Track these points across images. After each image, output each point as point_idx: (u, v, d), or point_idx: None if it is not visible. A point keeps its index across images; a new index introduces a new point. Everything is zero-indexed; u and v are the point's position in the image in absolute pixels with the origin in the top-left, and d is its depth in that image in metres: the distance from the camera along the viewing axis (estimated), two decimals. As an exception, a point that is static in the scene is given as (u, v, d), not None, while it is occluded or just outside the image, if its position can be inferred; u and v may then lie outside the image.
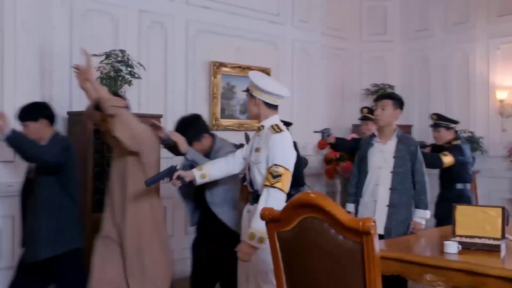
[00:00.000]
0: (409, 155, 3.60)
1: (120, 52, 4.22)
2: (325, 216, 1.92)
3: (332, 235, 1.91)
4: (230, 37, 5.51)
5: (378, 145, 3.70)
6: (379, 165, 3.64)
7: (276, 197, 2.72)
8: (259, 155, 2.86)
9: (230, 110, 5.53)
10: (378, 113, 3.66)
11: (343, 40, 6.76)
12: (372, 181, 3.66)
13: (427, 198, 3.58)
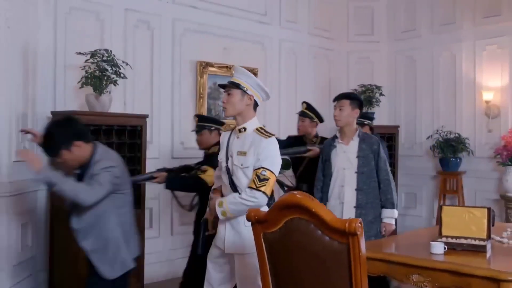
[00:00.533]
0: (372, 154, 3.63)
1: (105, 51, 4.20)
2: (311, 217, 1.93)
3: (318, 236, 1.92)
4: (217, 37, 5.51)
5: (340, 146, 3.71)
6: (343, 166, 3.66)
7: (259, 200, 2.73)
8: (246, 160, 2.80)
9: (217, 110, 5.52)
10: (336, 114, 3.67)
11: (330, 40, 6.79)
12: (337, 182, 3.66)
13: (394, 197, 3.62)
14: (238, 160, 2.81)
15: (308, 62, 6.52)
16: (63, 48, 4.36)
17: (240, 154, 2.83)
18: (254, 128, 2.85)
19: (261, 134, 2.81)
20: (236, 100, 2.85)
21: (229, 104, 2.87)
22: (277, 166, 2.82)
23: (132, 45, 4.84)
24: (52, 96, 4.31)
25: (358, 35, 6.91)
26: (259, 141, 2.78)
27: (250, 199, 2.73)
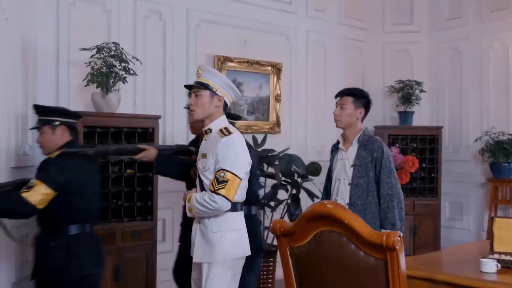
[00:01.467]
0: (373, 163, 3.39)
1: (113, 45, 4.23)
2: (343, 229, 1.92)
3: (351, 251, 1.91)
4: (236, 28, 5.51)
5: (340, 152, 3.58)
6: (338, 176, 3.52)
7: (219, 205, 2.81)
8: (206, 162, 2.91)
9: (237, 110, 5.52)
10: (336, 113, 3.52)
11: (363, 31, 6.74)
12: (333, 195, 3.53)
13: (395, 216, 3.30)
14: (202, 163, 2.94)
15: (338, 56, 6.49)
16: (66, 42, 4.41)
17: (202, 157, 2.95)
18: (218, 128, 2.95)
19: (221, 134, 2.91)
20: (205, 102, 2.95)
21: (197, 107, 2.96)
22: (241, 167, 2.87)
23: (142, 38, 4.88)
24: (54, 95, 4.36)
25: (395, 24, 6.84)
26: (218, 141, 2.88)
27: (210, 203, 2.82)
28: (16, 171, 3.75)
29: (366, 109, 3.55)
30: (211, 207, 2.82)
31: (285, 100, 5.92)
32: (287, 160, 5.14)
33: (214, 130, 2.95)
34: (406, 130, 6.37)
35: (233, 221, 2.96)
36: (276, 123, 5.82)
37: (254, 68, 5.63)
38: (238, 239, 2.98)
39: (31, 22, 4.12)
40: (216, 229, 2.92)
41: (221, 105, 2.98)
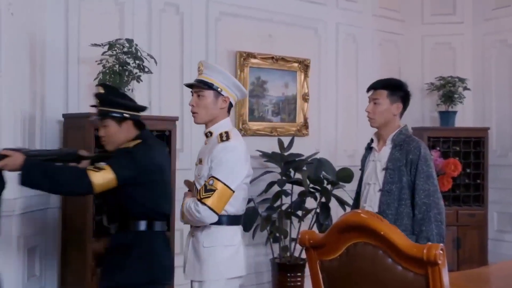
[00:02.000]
0: (407, 167, 3.20)
1: (126, 41, 4.27)
2: (379, 241, 1.92)
3: (388, 265, 1.90)
4: (260, 22, 5.52)
5: (373, 152, 3.43)
6: (368, 180, 3.38)
7: (201, 216, 2.78)
8: (201, 169, 2.90)
9: (261, 110, 5.52)
10: (369, 109, 3.34)
11: (400, 22, 6.69)
12: (362, 201, 3.41)
13: (431, 230, 3.09)
14: (197, 170, 2.94)
15: (372, 51, 6.45)
16: (76, 38, 4.45)
17: (199, 163, 2.95)
18: (218, 132, 2.91)
19: (219, 138, 2.89)
20: (208, 103, 2.91)
21: (200, 108, 2.93)
22: (233, 177, 2.83)
23: (158, 33, 4.91)
24: (63, 95, 4.41)
25: (435, 15, 6.77)
26: (214, 147, 2.86)
27: (194, 212, 2.80)
28: (23, 178, 3.79)
29: (405, 103, 3.36)
30: (195, 216, 2.80)
31: (314, 100, 5.90)
32: (316, 165, 5.13)
33: (215, 134, 2.93)
34: (448, 132, 6.30)
35: (228, 236, 2.91)
36: (303, 125, 5.80)
37: (280, 65, 5.62)
38: (233, 257, 2.92)
39: (39, 17, 4.19)
40: (208, 244, 2.88)
41: (226, 106, 2.95)
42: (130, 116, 3.07)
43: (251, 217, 5.01)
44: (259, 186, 5.22)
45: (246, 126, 5.40)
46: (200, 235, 2.90)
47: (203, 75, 2.92)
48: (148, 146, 3.02)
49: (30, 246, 3.96)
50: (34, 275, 4.06)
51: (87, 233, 3.97)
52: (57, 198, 4.32)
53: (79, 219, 4.04)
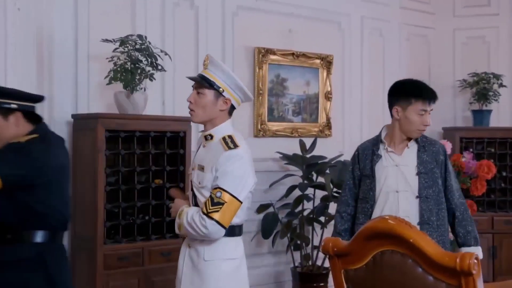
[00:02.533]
0: (438, 169, 3.28)
1: (138, 37, 4.29)
2: (409, 249, 1.91)
3: (418, 275, 1.90)
4: (279, 16, 5.52)
5: (389, 156, 3.32)
6: (396, 187, 3.26)
7: (209, 231, 2.70)
8: (203, 177, 2.80)
9: (281, 110, 5.52)
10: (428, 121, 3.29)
11: (430, 15, 6.65)
12: (386, 212, 3.23)
13: (476, 229, 3.27)
14: (197, 177, 2.84)
15: (400, 46, 6.42)
16: (85, 34, 4.48)
17: (199, 169, 2.84)
18: (221, 136, 2.83)
19: (224, 145, 2.79)
20: (207, 102, 2.85)
21: (198, 107, 2.87)
22: (241, 187, 2.76)
23: (172, 29, 4.93)
24: (73, 95, 4.44)
25: (468, 6, 6.72)
26: (219, 153, 2.77)
27: (199, 227, 2.70)
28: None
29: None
30: (200, 232, 2.71)
31: (337, 98, 5.89)
32: (339, 168, 5.11)
33: (216, 138, 2.84)
34: (482, 132, 6.24)
35: (231, 249, 2.84)
36: (326, 125, 5.79)
37: (301, 61, 5.62)
38: (236, 271, 2.86)
39: (47, 11, 4.22)
40: (209, 257, 2.80)
41: (227, 108, 2.88)
42: (18, 107, 2.76)
43: (271, 224, 5.02)
44: (279, 190, 5.22)
45: (265, 126, 5.40)
46: (200, 247, 2.81)
47: (206, 71, 2.88)
48: (46, 142, 2.79)
49: None
50: (42, 284, 4.09)
51: (97, 240, 4.00)
52: (66, 203, 4.35)
53: (89, 224, 4.07)
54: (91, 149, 4.10)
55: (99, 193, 4.04)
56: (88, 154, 4.12)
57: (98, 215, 4.02)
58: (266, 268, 5.40)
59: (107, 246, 4.02)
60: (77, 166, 4.26)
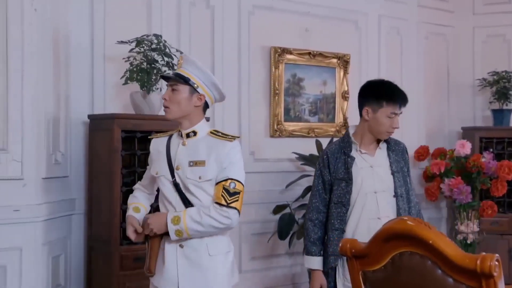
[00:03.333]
0: (405, 167, 3.40)
1: (154, 37, 4.31)
2: (427, 250, 1.90)
3: (437, 277, 1.89)
4: (296, 15, 5.51)
5: (363, 157, 3.33)
6: (374, 188, 3.26)
7: (232, 221, 2.79)
8: (205, 171, 2.82)
9: (297, 110, 5.51)
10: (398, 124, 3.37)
11: (448, 13, 6.61)
12: (364, 214, 3.24)
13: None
14: (193, 173, 2.84)
15: (418, 45, 6.39)
16: (101, 34, 4.51)
17: (194, 165, 2.85)
18: (207, 131, 2.91)
19: (222, 137, 2.89)
20: (182, 98, 2.88)
21: (173, 104, 2.89)
22: (244, 177, 2.88)
23: (188, 28, 4.94)
24: (89, 95, 4.47)
25: (488, 4, 6.66)
26: (222, 145, 2.85)
27: (222, 219, 2.76)
28: (47, 182, 3.87)
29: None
30: (222, 224, 2.78)
31: (354, 98, 5.78)
32: (357, 169, 5.09)
33: (201, 133, 2.90)
34: (502, 132, 6.19)
35: (228, 240, 2.97)
36: (343, 125, 5.77)
37: (317, 60, 5.61)
38: (233, 263, 2.97)
39: (63, 12, 4.25)
40: (214, 252, 2.84)
41: (201, 105, 2.92)
42: None
43: (287, 225, 5.01)
44: (296, 191, 5.21)
45: (281, 126, 5.40)
46: (200, 242, 2.83)
47: (181, 69, 2.91)
48: None
49: (55, 255, 4.03)
50: (58, 285, 4.12)
51: (113, 240, 4.01)
52: (82, 203, 4.39)
53: (105, 225, 4.09)
54: (107, 150, 4.12)
55: (115, 194, 4.05)
56: (104, 154, 4.14)
57: (114, 216, 4.04)
58: (282, 270, 5.40)
59: (124, 247, 4.03)
60: (93, 166, 4.30)
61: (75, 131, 4.40)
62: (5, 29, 3.61)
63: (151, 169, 3.01)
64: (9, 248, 3.61)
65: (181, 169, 2.87)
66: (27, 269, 3.67)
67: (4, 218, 3.57)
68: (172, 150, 2.93)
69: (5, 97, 3.61)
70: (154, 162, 3.00)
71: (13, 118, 3.62)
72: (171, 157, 2.92)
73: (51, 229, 3.90)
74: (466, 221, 5.50)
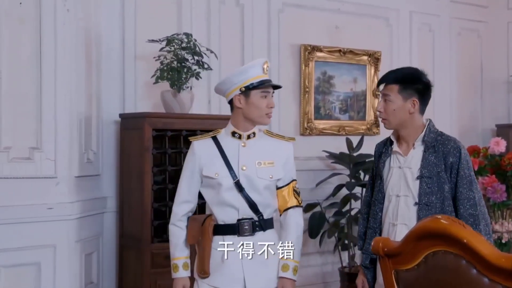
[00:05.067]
0: (447, 172, 2.91)
1: (185, 36, 4.33)
2: (462, 250, 1.87)
3: (473, 277, 1.85)
4: (326, 12, 5.50)
5: (395, 157, 3.05)
6: (396, 191, 3.00)
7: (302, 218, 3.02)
8: (276, 171, 2.91)
9: (327, 108, 5.50)
10: (380, 109, 3.02)
11: (482, 9, 6.53)
12: (387, 217, 3.02)
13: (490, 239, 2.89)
14: (264, 172, 2.88)
15: (450, 41, 6.33)
16: (132, 33, 4.56)
17: (263, 165, 2.89)
18: (257, 130, 2.96)
19: (281, 138, 3.03)
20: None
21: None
22: None
23: (218, 27, 4.97)
24: (120, 94, 4.53)
25: (523, -1, 6.58)
26: (285, 146, 2.99)
27: (301, 220, 3.02)
28: (80, 181, 3.93)
29: (423, 96, 3.04)
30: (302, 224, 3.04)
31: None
32: (388, 167, 5.06)
33: (258, 134, 2.95)
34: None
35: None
36: (374, 123, 5.74)
37: (348, 58, 5.59)
38: None
39: (95, 12, 4.31)
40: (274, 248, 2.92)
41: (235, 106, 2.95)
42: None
43: (318, 223, 5.00)
44: (326, 189, 5.20)
45: (312, 124, 5.40)
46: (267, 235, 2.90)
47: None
48: None
49: (88, 252, 4.09)
50: (91, 282, 4.18)
51: (144, 238, 4.06)
52: (114, 202, 4.45)
53: (136, 223, 4.14)
54: (138, 148, 4.17)
55: (146, 192, 4.09)
56: (136, 153, 4.19)
57: (146, 214, 4.08)
58: (313, 268, 5.39)
59: (155, 244, 4.07)
60: (124, 165, 4.35)
61: (107, 130, 4.46)
62: (39, 30, 3.68)
63: (205, 171, 2.90)
64: (43, 246, 3.68)
65: (248, 169, 2.88)
66: (61, 266, 3.73)
67: (38, 216, 3.64)
68: (229, 151, 2.91)
69: (39, 97, 3.68)
70: (207, 164, 2.90)
71: (46, 118, 3.69)
72: (229, 158, 2.90)
73: (83, 227, 3.96)
74: (500, 220, 5.43)
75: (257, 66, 2.87)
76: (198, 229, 2.91)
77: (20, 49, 3.66)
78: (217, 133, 2.98)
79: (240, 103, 2.87)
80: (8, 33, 3.59)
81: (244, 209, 2.86)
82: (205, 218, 2.93)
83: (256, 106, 2.86)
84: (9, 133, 3.59)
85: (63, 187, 3.77)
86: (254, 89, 2.84)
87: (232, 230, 2.86)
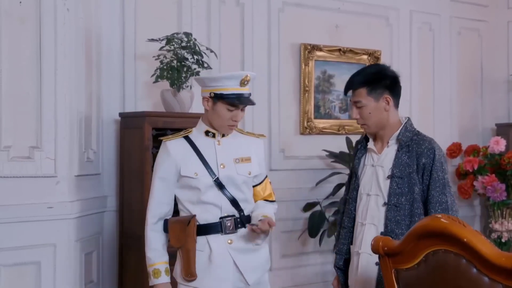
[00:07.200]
0: (419, 173, 2.82)
1: (184, 35, 4.34)
2: (462, 249, 1.88)
3: (473, 276, 1.87)
4: (325, 11, 5.50)
5: (370, 155, 2.99)
6: (368, 190, 2.92)
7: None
8: (252, 167, 2.97)
9: (327, 107, 5.50)
10: (356, 116, 2.95)
11: (482, 8, 6.52)
12: (359, 217, 2.94)
13: None
14: (242, 169, 2.93)
15: (451, 40, 6.32)
16: (132, 34, 4.55)
17: (241, 162, 2.94)
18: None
19: (252, 135, 3.10)
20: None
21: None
22: None
23: (218, 26, 4.97)
24: (120, 94, 4.52)
25: (524, -3, 6.58)
26: (257, 143, 3.07)
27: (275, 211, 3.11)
28: (80, 180, 3.93)
29: (393, 90, 2.99)
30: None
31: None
32: (388, 166, 5.06)
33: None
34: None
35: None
36: (374, 122, 5.74)
37: (347, 57, 5.59)
38: None
39: (95, 11, 4.30)
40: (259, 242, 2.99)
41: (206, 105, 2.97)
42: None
43: (317, 222, 5.01)
44: (326, 189, 5.20)
45: (312, 124, 5.40)
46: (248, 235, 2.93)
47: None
48: None
49: (88, 251, 4.09)
50: (91, 281, 4.19)
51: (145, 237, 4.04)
52: (114, 201, 4.45)
53: (136, 222, 4.14)
54: (138, 147, 4.17)
55: (146, 191, 4.07)
56: (136, 152, 4.19)
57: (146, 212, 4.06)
58: (312, 267, 5.40)
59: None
60: (124, 164, 4.35)
61: (107, 129, 4.46)
62: (39, 29, 3.68)
63: (183, 171, 2.88)
64: (43, 245, 3.68)
65: (227, 166, 2.91)
66: (61, 265, 3.73)
67: (38, 215, 3.64)
68: (205, 150, 2.92)
69: (39, 96, 3.68)
70: (184, 164, 2.89)
71: (46, 117, 3.69)
72: (205, 157, 2.90)
73: (83, 226, 3.96)
74: (500, 219, 5.45)
75: (233, 79, 2.84)
76: (183, 231, 2.86)
77: (20, 48, 3.65)
78: (189, 132, 2.99)
79: (207, 105, 2.90)
80: (8, 33, 3.59)
81: (226, 207, 2.89)
82: (189, 219, 2.86)
83: (219, 115, 2.87)
84: (9, 132, 3.59)
85: (63, 186, 3.77)
86: (222, 100, 2.83)
87: (215, 229, 2.87)
